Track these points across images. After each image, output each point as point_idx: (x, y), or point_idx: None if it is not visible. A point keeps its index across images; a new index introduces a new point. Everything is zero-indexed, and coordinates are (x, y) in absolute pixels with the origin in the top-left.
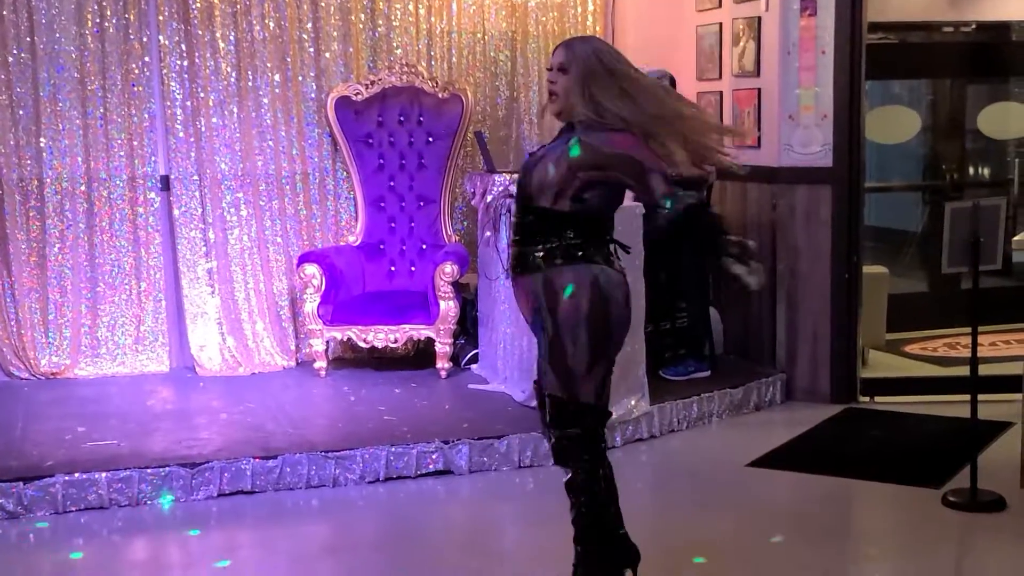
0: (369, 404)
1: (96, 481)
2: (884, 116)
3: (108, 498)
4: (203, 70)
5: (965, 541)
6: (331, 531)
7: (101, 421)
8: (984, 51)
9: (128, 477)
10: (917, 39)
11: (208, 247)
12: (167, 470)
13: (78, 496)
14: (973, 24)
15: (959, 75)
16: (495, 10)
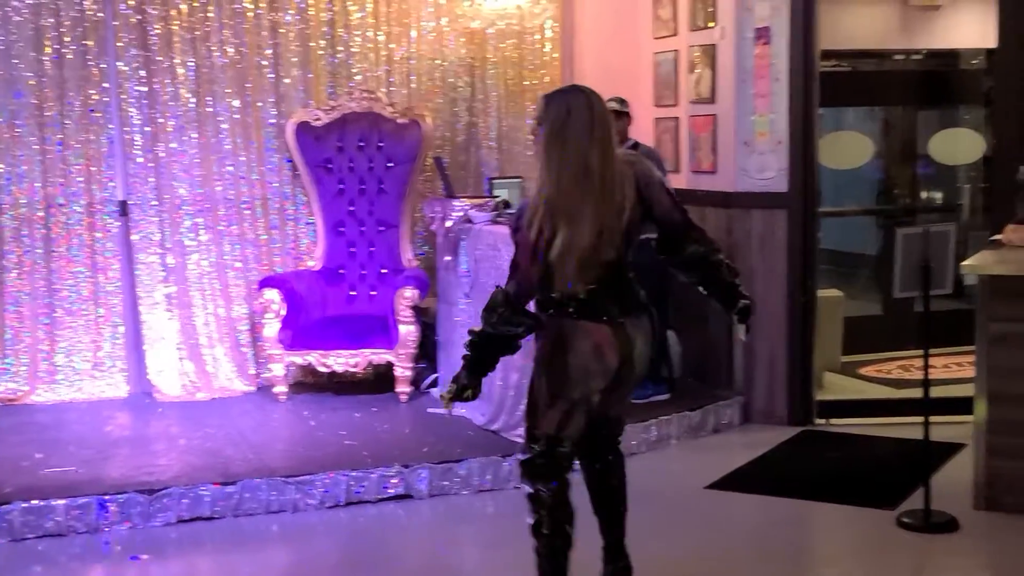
0: (329, 429)
1: (54, 508)
2: (837, 142)
3: (66, 525)
4: (162, 96)
5: (919, 563)
6: (291, 557)
7: (59, 447)
8: (934, 79)
9: (86, 504)
10: (869, 67)
11: (167, 272)
12: (125, 496)
13: (35, 523)
14: (923, 52)
15: (910, 102)
16: (454, 37)
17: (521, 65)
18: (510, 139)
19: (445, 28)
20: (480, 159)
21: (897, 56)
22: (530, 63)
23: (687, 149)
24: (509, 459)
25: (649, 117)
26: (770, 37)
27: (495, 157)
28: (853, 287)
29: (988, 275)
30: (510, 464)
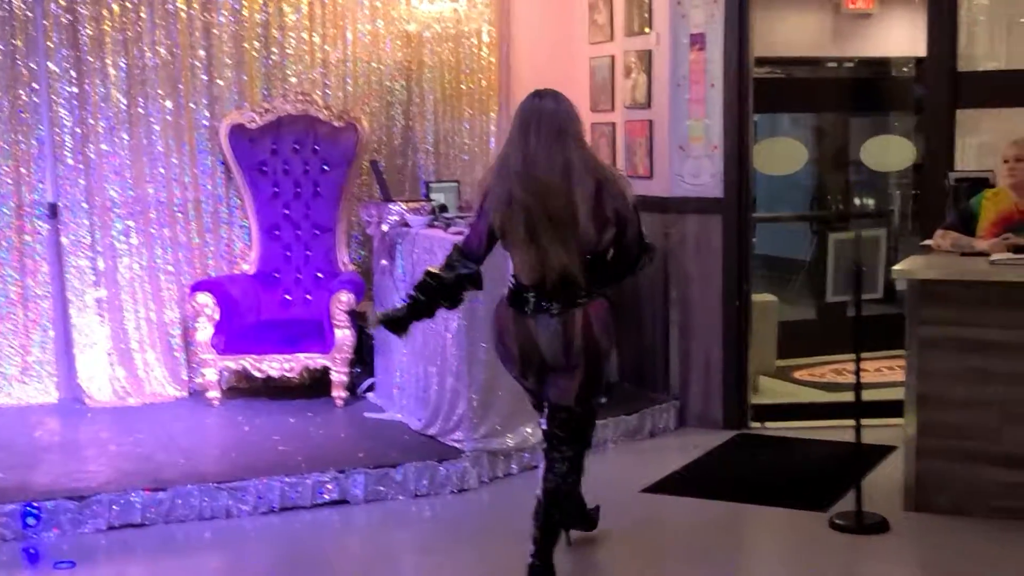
0: (263, 434)
1: None
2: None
3: None
4: (92, 97)
5: (850, 563)
6: (225, 564)
7: None
8: (866, 86)
9: (12, 511)
10: (802, 73)
11: (97, 275)
12: (54, 503)
13: None
14: (855, 60)
15: (843, 109)
16: (390, 40)
17: (458, 69)
18: (447, 143)
19: (381, 31)
20: (417, 163)
21: (830, 63)
22: (467, 67)
23: (623, 154)
24: (445, 463)
25: (586, 122)
26: (705, 43)
27: (432, 161)
28: (787, 292)
29: (918, 280)
30: (446, 469)
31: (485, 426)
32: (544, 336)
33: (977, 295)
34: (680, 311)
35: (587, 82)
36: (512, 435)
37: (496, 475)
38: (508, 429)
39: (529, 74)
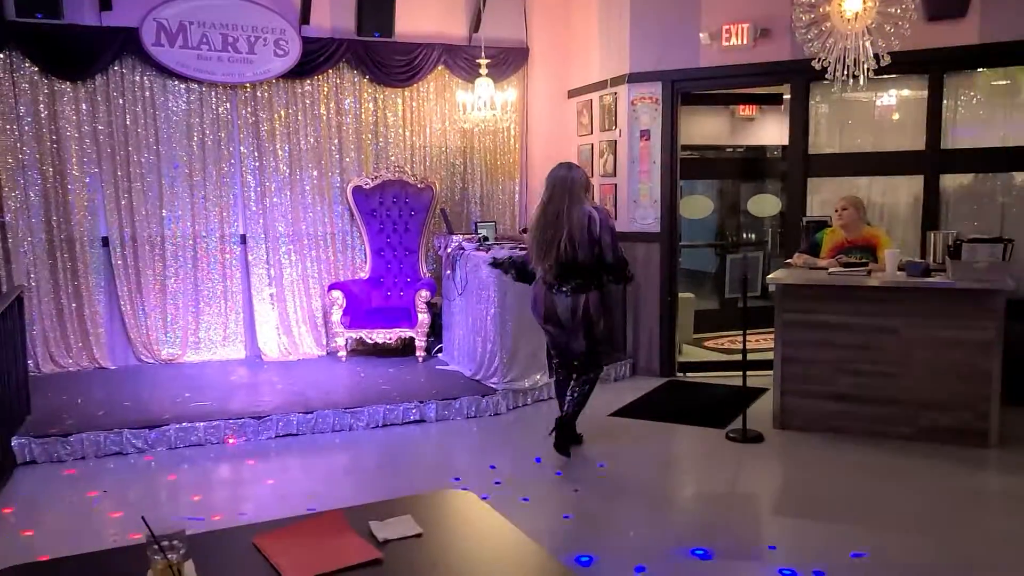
0: (372, 379)
1: (196, 428)
2: (691, 202)
3: (204, 439)
4: (268, 168)
5: (740, 461)
6: (348, 459)
7: (200, 390)
8: (750, 163)
9: (216, 425)
10: (710, 155)
11: (270, 280)
12: (243, 420)
13: (184, 437)
14: (744, 147)
15: (736, 177)
16: (452, 134)
17: (495, 152)
18: (488, 197)
19: (447, 127)
20: (470, 210)
21: (728, 149)
22: (501, 150)
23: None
24: (486, 397)
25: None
26: (650, 136)
27: (479, 209)
28: (701, 291)
29: (783, 284)
30: (486, 401)
31: (511, 373)
32: (560, 306)
33: (819, 293)
34: (634, 303)
35: (577, 160)
36: (528, 380)
37: (518, 404)
38: (525, 376)
39: (540, 155)
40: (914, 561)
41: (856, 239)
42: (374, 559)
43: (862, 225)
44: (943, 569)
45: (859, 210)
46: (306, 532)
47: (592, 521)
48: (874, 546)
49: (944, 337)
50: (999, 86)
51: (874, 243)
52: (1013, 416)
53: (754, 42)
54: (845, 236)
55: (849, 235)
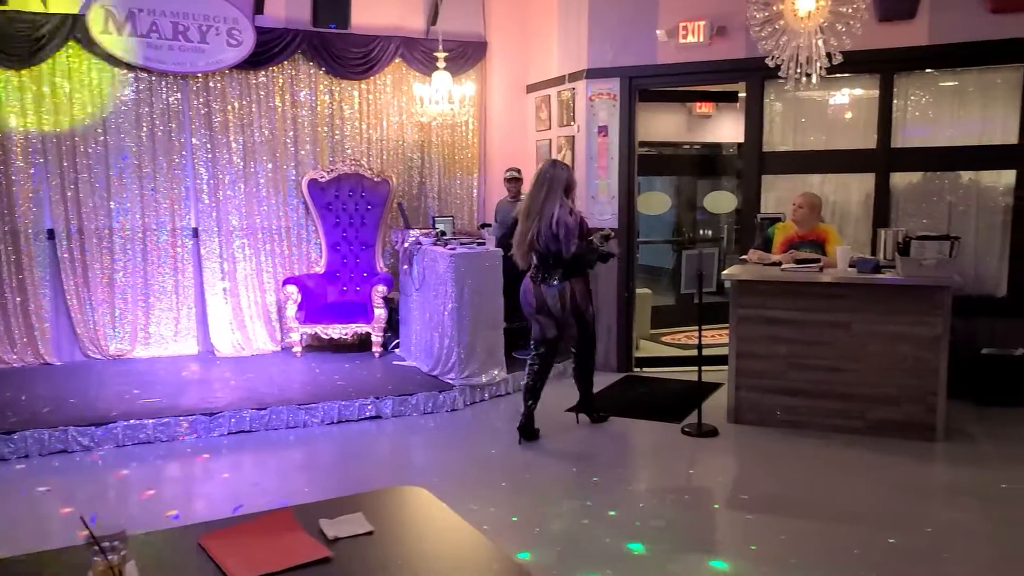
0: (328, 374)
1: (145, 425)
2: (649, 198)
3: (153, 436)
4: (221, 160)
5: (694, 455)
6: (303, 456)
7: (150, 386)
8: (707, 160)
9: (167, 422)
10: (668, 152)
11: (223, 274)
12: (194, 417)
13: (133, 435)
14: (700, 144)
15: (692, 174)
16: (409, 127)
17: (453, 146)
18: (446, 192)
19: (405, 121)
20: (427, 205)
21: (685, 146)
22: (459, 145)
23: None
24: (443, 393)
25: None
26: (608, 132)
27: (436, 203)
28: (658, 287)
29: (737, 280)
30: (443, 396)
31: (469, 369)
32: (549, 298)
33: (772, 289)
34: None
35: (535, 156)
36: (485, 375)
37: (475, 400)
38: (483, 371)
39: (498, 150)
40: (863, 553)
41: (807, 234)
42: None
43: (815, 222)
44: (892, 561)
45: (814, 209)
46: (254, 531)
47: (543, 517)
48: (823, 538)
49: (893, 332)
50: (947, 87)
51: (823, 239)
52: (959, 410)
53: (710, 40)
54: (796, 231)
55: (801, 230)
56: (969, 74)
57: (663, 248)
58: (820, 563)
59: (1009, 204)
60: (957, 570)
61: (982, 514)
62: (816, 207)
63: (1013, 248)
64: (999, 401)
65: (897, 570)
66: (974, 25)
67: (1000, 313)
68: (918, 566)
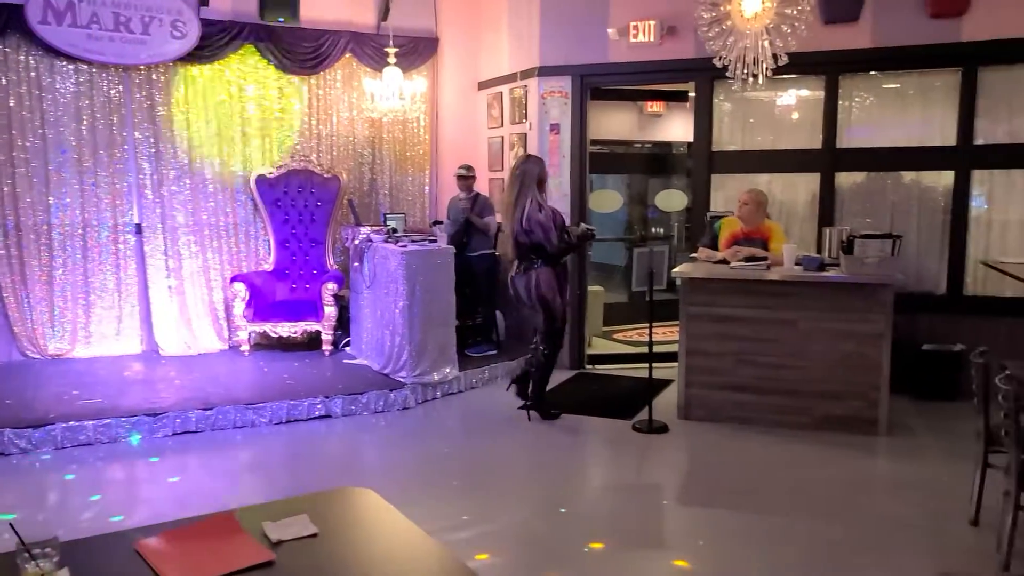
0: (277, 373)
1: (86, 427)
2: (601, 196)
3: (94, 438)
4: (165, 155)
5: (645, 451)
6: (250, 457)
7: (90, 386)
8: (658, 158)
9: (108, 423)
10: (619, 150)
11: (168, 271)
12: (136, 418)
13: (72, 437)
14: (651, 142)
15: (644, 172)
16: (360, 123)
17: (404, 143)
18: (397, 189)
19: (355, 116)
20: (378, 201)
21: (636, 144)
22: (410, 141)
23: None
24: (394, 391)
25: (485, 178)
26: (560, 130)
27: (388, 200)
28: (610, 285)
29: (687, 278)
30: (394, 395)
31: (420, 367)
32: (520, 286)
33: (721, 287)
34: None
35: (487, 152)
36: (437, 373)
37: (427, 398)
38: (434, 369)
39: (450, 147)
40: (810, 546)
41: (752, 231)
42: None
43: (761, 219)
44: (838, 553)
45: (760, 206)
46: (193, 535)
47: (495, 516)
48: (771, 532)
49: (838, 329)
50: (890, 89)
51: (768, 236)
52: (900, 404)
53: (661, 39)
54: (742, 227)
55: (746, 226)
56: (910, 77)
57: (615, 246)
58: (768, 556)
59: (948, 204)
60: (899, 561)
61: (921, 506)
62: (762, 204)
63: (952, 247)
64: (938, 395)
65: (843, 562)
66: (915, 29)
67: (940, 310)
68: (862, 558)
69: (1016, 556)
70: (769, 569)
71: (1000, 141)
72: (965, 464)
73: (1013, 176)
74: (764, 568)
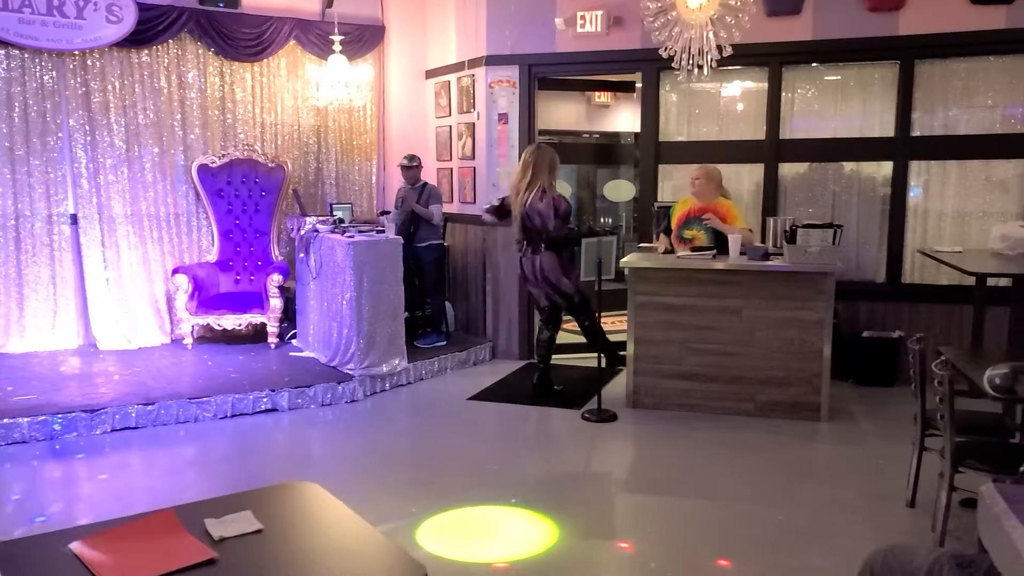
0: (221, 366)
1: (20, 424)
2: None
3: (29, 435)
4: (101, 143)
5: (595, 439)
6: (195, 452)
7: (22, 382)
8: (606, 149)
9: (44, 420)
10: (568, 140)
11: (106, 263)
12: (74, 415)
13: (6, 435)
14: (599, 133)
15: (592, 163)
16: (305, 112)
17: (351, 131)
18: (344, 178)
19: (300, 105)
20: (324, 191)
21: (584, 134)
22: (356, 130)
23: (457, 188)
24: (342, 384)
25: (433, 168)
26: (508, 119)
27: (334, 190)
28: None
29: (635, 268)
30: (342, 387)
31: (369, 359)
32: (527, 269)
33: (668, 276)
34: (493, 286)
35: (435, 142)
36: (386, 365)
37: (376, 390)
38: (383, 361)
39: (398, 136)
40: (756, 531)
41: (706, 207)
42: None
43: (714, 195)
44: (783, 538)
45: (712, 180)
46: (132, 535)
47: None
48: (718, 518)
49: (781, 317)
50: (831, 81)
51: (723, 213)
52: (841, 390)
53: (607, 30)
54: (694, 204)
55: (700, 202)
56: (850, 69)
57: None
58: (716, 542)
59: (887, 194)
60: (840, 543)
61: (861, 489)
62: (714, 179)
63: (891, 236)
64: (878, 381)
65: (787, 545)
66: (854, 22)
67: (879, 297)
68: (806, 541)
69: (950, 535)
70: (715, 553)
71: (936, 133)
72: (903, 447)
73: (948, 167)
74: (710, 552)
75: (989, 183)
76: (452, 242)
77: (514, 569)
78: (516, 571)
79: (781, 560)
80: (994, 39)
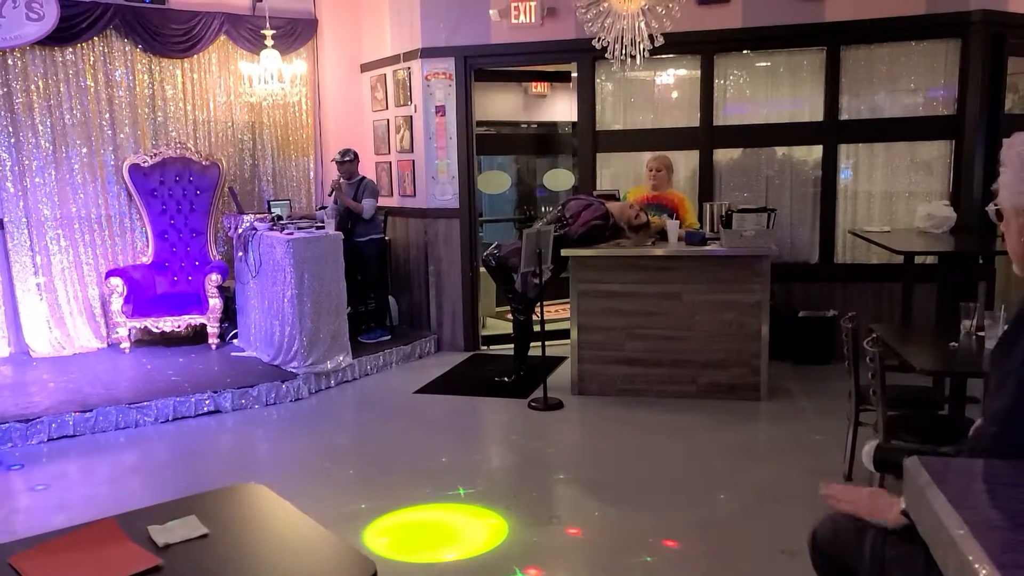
0: (161, 370)
1: None
2: (489, 177)
3: None
4: (26, 145)
5: (541, 427)
6: (136, 458)
7: None
8: (544, 139)
9: None
10: (506, 131)
11: (36, 268)
12: (7, 425)
13: None
14: (537, 123)
15: (531, 153)
16: (238, 108)
17: (286, 127)
18: (281, 175)
19: (233, 101)
20: (261, 188)
21: (522, 124)
22: (292, 125)
23: (397, 181)
24: (286, 382)
25: (372, 161)
26: (446, 112)
27: (271, 187)
28: None
29: (577, 256)
30: (286, 386)
31: (311, 357)
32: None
33: (609, 263)
34: (436, 279)
35: (372, 135)
36: (330, 362)
37: (320, 388)
38: (327, 358)
39: (334, 130)
40: (697, 510)
41: (660, 196)
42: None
43: (669, 186)
44: (723, 515)
45: (670, 171)
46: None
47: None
48: (662, 501)
49: (719, 300)
50: (761, 68)
51: (676, 204)
52: (780, 370)
53: (541, 20)
54: (650, 192)
55: (657, 191)
56: (780, 55)
57: (506, 226)
58: (662, 524)
59: (818, 177)
60: (780, 518)
61: (799, 465)
62: (672, 169)
63: (823, 218)
64: (814, 359)
65: (733, 525)
66: (782, 9)
67: (813, 278)
68: (749, 518)
69: None
70: (661, 534)
71: (863, 116)
72: (840, 423)
73: (876, 149)
74: (656, 534)
75: (914, 164)
76: (393, 236)
77: (468, 562)
78: (469, 564)
79: (727, 538)
80: (914, 24)
